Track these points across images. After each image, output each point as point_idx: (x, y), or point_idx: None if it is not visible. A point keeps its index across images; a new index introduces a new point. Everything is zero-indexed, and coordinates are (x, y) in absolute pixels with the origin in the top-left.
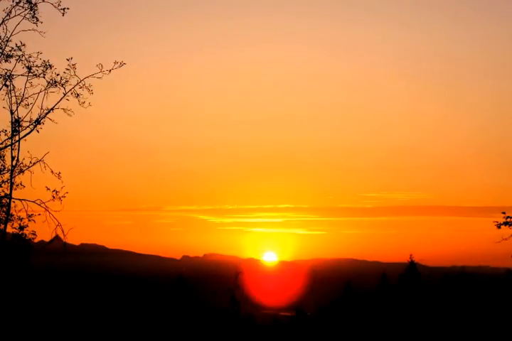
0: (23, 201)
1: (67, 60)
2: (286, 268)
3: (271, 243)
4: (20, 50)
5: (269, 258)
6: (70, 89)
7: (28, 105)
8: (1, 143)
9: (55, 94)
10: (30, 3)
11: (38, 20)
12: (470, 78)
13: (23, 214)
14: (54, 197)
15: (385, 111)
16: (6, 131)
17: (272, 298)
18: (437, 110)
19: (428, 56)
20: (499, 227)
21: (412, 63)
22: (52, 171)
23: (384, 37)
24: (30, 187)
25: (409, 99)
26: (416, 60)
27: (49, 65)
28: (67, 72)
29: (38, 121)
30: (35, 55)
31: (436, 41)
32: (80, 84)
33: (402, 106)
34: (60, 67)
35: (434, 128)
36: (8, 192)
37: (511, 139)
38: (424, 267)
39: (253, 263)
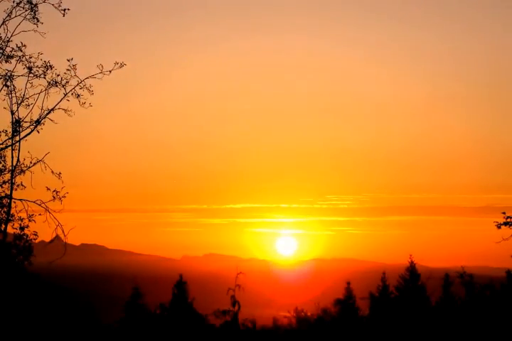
0: (23, 201)
1: (68, 60)
2: (287, 268)
3: (271, 243)
4: (21, 51)
5: (271, 258)
6: (71, 90)
7: (29, 105)
8: (2, 144)
9: (56, 95)
10: (31, 3)
11: (38, 20)
12: (469, 77)
13: (23, 215)
14: (54, 197)
15: (385, 112)
16: (6, 131)
17: (273, 297)
18: (438, 110)
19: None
20: (499, 227)
21: (406, 63)
22: (52, 171)
23: (382, 37)
24: (31, 188)
25: (411, 100)
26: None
27: (49, 65)
28: (67, 72)
29: (38, 122)
30: (36, 56)
31: (434, 41)
32: (81, 84)
33: (403, 107)
34: (60, 67)
35: (434, 128)
36: (8, 192)
37: None
38: (424, 267)
39: (254, 263)
